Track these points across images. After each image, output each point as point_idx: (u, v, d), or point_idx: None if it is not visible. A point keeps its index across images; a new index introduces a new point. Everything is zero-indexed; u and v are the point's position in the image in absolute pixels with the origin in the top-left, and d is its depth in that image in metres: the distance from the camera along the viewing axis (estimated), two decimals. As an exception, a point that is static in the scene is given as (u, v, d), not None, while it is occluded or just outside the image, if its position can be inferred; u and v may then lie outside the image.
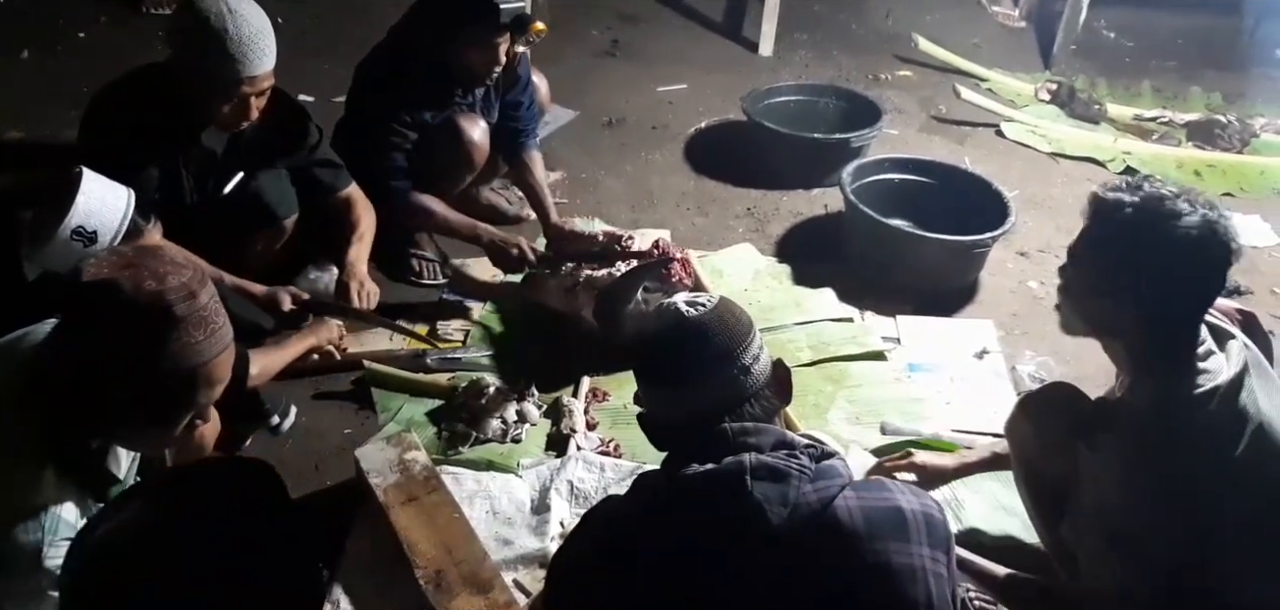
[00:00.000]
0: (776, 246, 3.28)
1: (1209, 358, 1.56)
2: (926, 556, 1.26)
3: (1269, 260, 3.31)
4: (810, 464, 1.28)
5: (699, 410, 1.32)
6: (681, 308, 1.36)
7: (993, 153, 3.93)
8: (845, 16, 5.19)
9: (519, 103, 2.96)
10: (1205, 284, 1.56)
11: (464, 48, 2.65)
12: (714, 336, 1.33)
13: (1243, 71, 4.66)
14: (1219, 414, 1.52)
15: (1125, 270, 1.56)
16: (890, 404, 2.54)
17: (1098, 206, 1.61)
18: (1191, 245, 1.50)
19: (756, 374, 1.34)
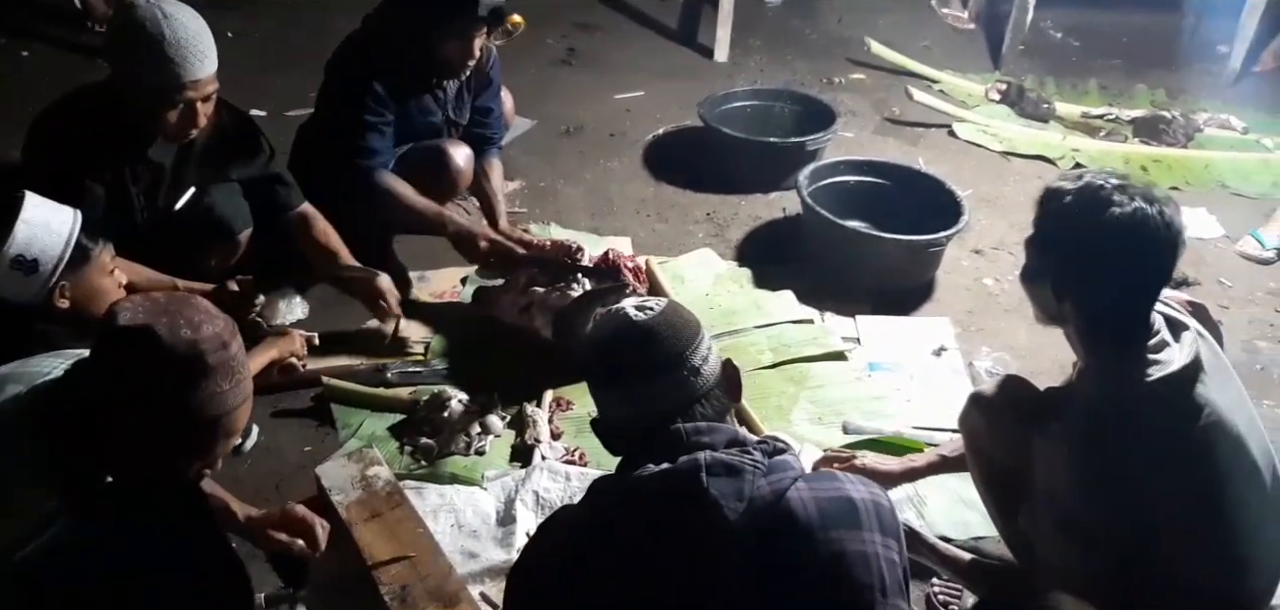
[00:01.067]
0: (736, 250, 3.30)
1: (1162, 349, 1.58)
2: (878, 543, 1.29)
3: (1215, 252, 3.39)
4: (763, 459, 1.30)
5: (650, 412, 1.34)
6: (629, 312, 1.39)
7: (946, 153, 3.99)
8: (798, 22, 5.24)
9: (489, 108, 2.96)
10: (1144, 271, 1.58)
11: (441, 39, 2.65)
12: (662, 339, 1.35)
13: (1185, 68, 4.78)
14: (1169, 401, 1.54)
15: (1061, 257, 1.60)
16: (851, 403, 2.57)
17: (1042, 198, 1.65)
18: (1124, 231, 1.54)
19: (706, 374, 1.36)
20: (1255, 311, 3.08)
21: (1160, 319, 1.62)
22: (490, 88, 2.95)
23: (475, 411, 2.40)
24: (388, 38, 2.70)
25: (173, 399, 1.37)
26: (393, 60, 2.68)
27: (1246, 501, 1.60)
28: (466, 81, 2.85)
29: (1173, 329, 1.63)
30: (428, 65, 2.73)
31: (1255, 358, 2.87)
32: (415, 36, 2.65)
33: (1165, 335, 1.60)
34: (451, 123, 2.89)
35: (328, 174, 2.66)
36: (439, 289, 2.94)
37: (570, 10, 5.12)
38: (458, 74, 2.77)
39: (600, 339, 1.43)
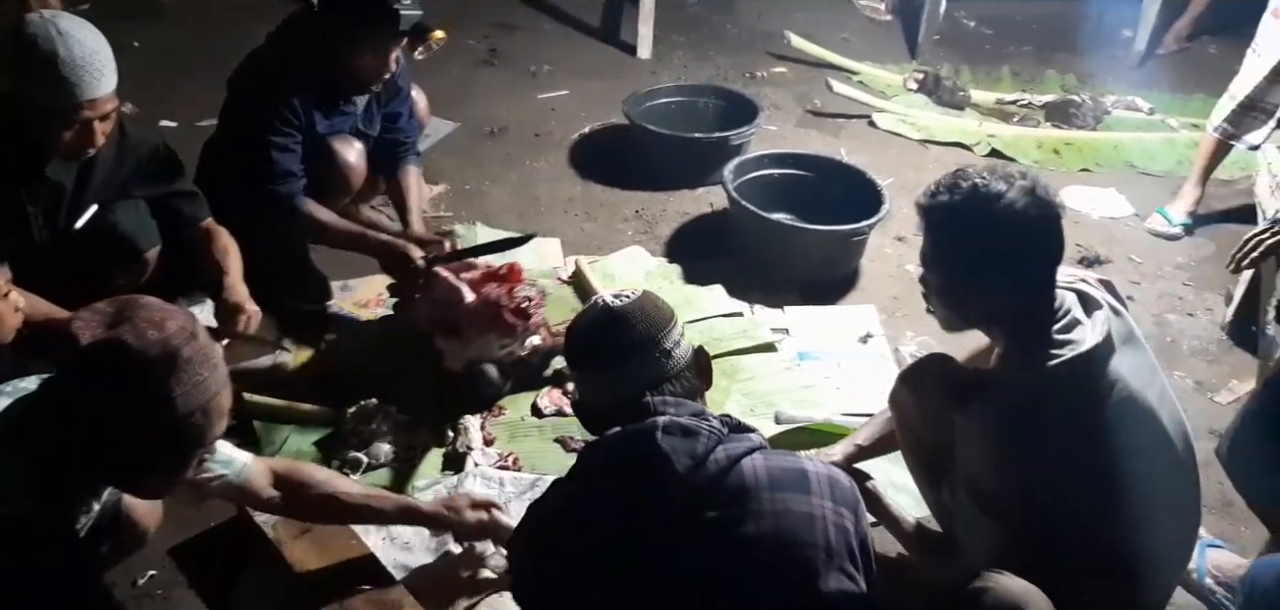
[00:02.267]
0: (666, 247, 3.31)
1: (1074, 327, 1.62)
2: (828, 508, 1.38)
3: (1125, 229, 3.52)
4: (722, 428, 1.41)
5: (625, 391, 1.46)
6: (608, 300, 1.52)
7: (867, 143, 4.05)
8: (720, 17, 5.27)
9: (398, 113, 2.89)
10: (1043, 246, 1.62)
11: (358, 52, 2.58)
12: (637, 323, 1.48)
13: (1093, 53, 4.93)
14: (1082, 380, 1.58)
15: (971, 260, 1.62)
16: (782, 394, 2.60)
17: (928, 214, 1.67)
18: (1021, 215, 1.58)
19: (677, 357, 1.49)
20: (1165, 286, 3.20)
21: (1072, 297, 1.66)
22: (399, 94, 2.89)
23: (405, 422, 2.36)
24: (297, 53, 2.61)
25: (159, 402, 1.36)
26: (303, 76, 2.61)
27: (1159, 473, 1.65)
28: (376, 94, 2.79)
29: (1085, 306, 1.66)
30: (341, 79, 2.66)
31: (1166, 330, 2.98)
32: (328, 51, 2.58)
33: (1077, 313, 1.64)
34: (363, 135, 2.82)
35: (238, 192, 2.56)
36: (364, 298, 2.88)
37: (490, 10, 5.07)
38: (370, 87, 2.71)
39: (581, 325, 1.57)
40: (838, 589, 1.35)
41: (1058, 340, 1.60)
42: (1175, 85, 4.61)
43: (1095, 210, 3.61)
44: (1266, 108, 3.11)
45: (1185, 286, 3.20)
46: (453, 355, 2.47)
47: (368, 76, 2.66)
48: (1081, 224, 3.53)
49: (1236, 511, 2.16)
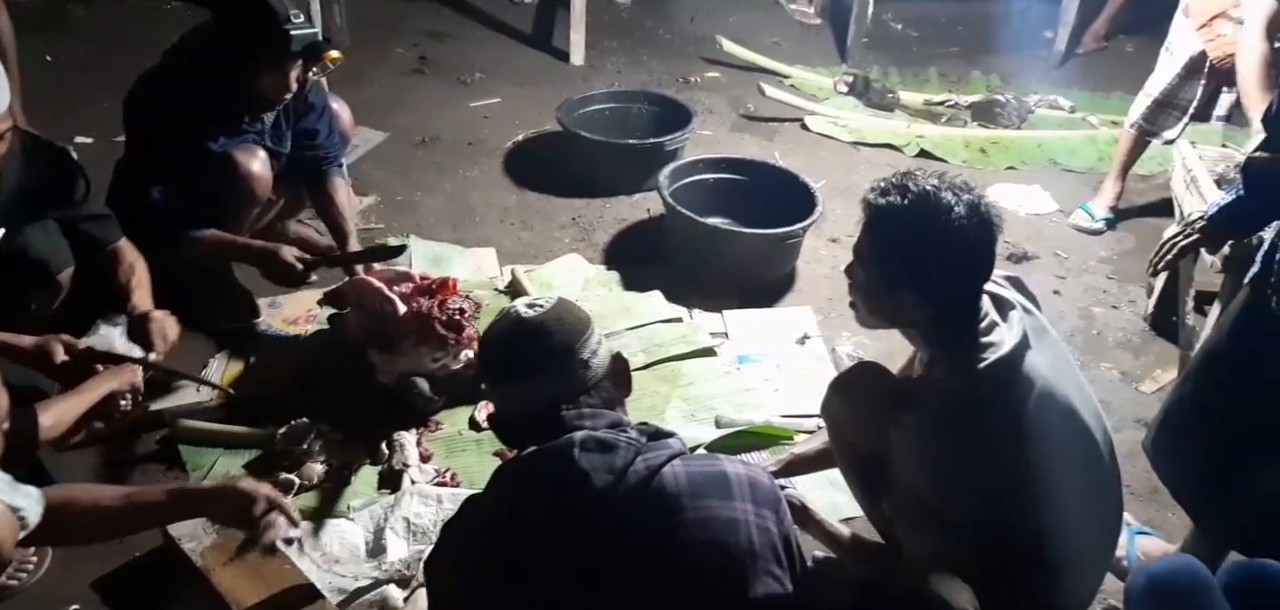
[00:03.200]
0: (604, 254, 3.29)
1: (993, 329, 1.64)
2: (750, 511, 1.37)
3: (1051, 226, 3.61)
4: (641, 438, 1.38)
5: (541, 403, 1.41)
6: (521, 310, 1.47)
7: (800, 146, 4.09)
8: (652, 22, 5.28)
9: (315, 130, 2.80)
10: (980, 263, 1.64)
11: (255, 73, 2.50)
12: (552, 333, 1.43)
13: (1016, 53, 5.05)
14: (1006, 383, 1.60)
15: (909, 266, 1.63)
16: (722, 398, 2.60)
17: (873, 212, 1.67)
18: (965, 232, 1.59)
19: (595, 367, 1.44)
20: (1089, 280, 3.29)
21: (987, 300, 1.68)
22: (313, 111, 2.80)
23: (338, 441, 2.30)
24: (194, 73, 2.52)
25: None
26: (200, 96, 2.51)
27: (1082, 464, 1.68)
28: (284, 110, 2.70)
29: (1000, 308, 1.68)
30: (241, 99, 2.57)
31: (1092, 323, 3.06)
32: (226, 71, 2.50)
33: (994, 316, 1.66)
34: (273, 153, 2.73)
35: (139, 217, 2.47)
36: (293, 315, 2.80)
37: (420, 18, 5.00)
38: (272, 107, 2.63)
39: (494, 336, 1.50)
40: (765, 593, 1.34)
41: (980, 344, 1.61)
42: (1095, 83, 4.76)
43: (1021, 207, 3.69)
44: (1180, 104, 3.22)
45: (1109, 280, 3.29)
46: (384, 369, 2.42)
47: (267, 96, 2.57)
48: (1008, 221, 3.53)
49: (1164, 499, 2.22)
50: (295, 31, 2.43)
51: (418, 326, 2.40)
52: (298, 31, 2.44)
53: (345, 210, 2.84)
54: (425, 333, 2.40)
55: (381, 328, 2.43)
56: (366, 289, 2.50)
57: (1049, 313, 3.00)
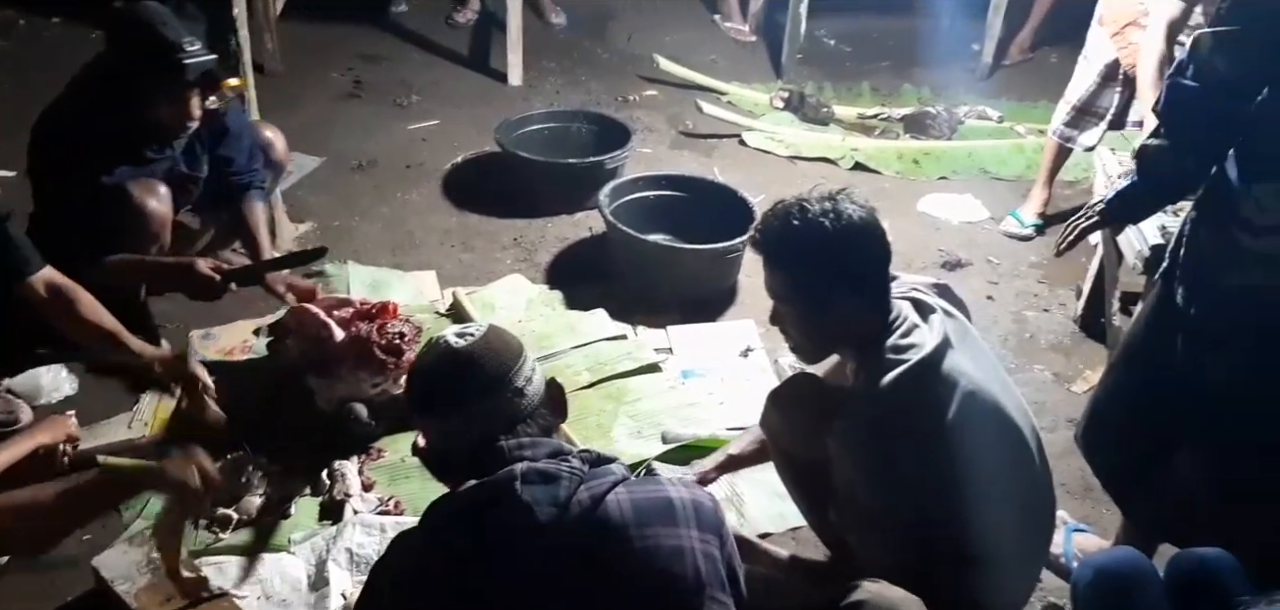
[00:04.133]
0: (546, 273, 3.28)
1: (914, 332, 1.68)
2: (695, 538, 1.34)
3: (983, 233, 3.70)
4: (583, 467, 1.35)
5: (476, 436, 1.36)
6: (451, 340, 1.41)
7: (738, 161, 4.14)
8: (589, 43, 5.30)
9: (230, 157, 2.72)
10: (876, 255, 1.69)
11: (152, 103, 2.43)
12: (484, 363, 1.38)
13: (945, 66, 5.17)
14: (929, 383, 1.64)
15: (817, 280, 1.67)
16: (668, 413, 2.60)
17: (765, 247, 1.71)
18: (852, 232, 1.64)
19: (531, 395, 1.40)
20: (1021, 285, 3.38)
21: (907, 305, 1.72)
22: (228, 136, 2.73)
23: (277, 473, 2.25)
24: (93, 105, 2.44)
25: None
26: (101, 130, 2.43)
27: (1011, 461, 1.72)
28: (197, 135, 2.62)
29: (920, 311, 1.72)
30: (142, 130, 2.49)
31: (1024, 327, 3.14)
32: (123, 101, 2.41)
33: (914, 319, 1.70)
34: (186, 181, 2.66)
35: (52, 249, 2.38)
36: (228, 346, 2.74)
37: (354, 41, 4.95)
38: (175, 136, 2.55)
39: (423, 367, 1.44)
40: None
41: (900, 347, 1.65)
42: (1021, 93, 4.90)
43: (954, 216, 3.78)
44: (1098, 111, 3.33)
45: (1040, 284, 3.38)
46: (323, 395, 2.38)
47: (169, 126, 2.50)
48: (942, 230, 3.69)
49: (1098, 495, 2.28)
50: (189, 60, 2.35)
51: (356, 351, 2.37)
52: (191, 60, 2.35)
53: (262, 230, 2.75)
54: (364, 358, 2.37)
55: (320, 353, 2.39)
56: (305, 315, 2.46)
57: (983, 318, 3.12)
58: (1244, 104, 1.54)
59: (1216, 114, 1.60)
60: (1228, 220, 1.60)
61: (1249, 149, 1.58)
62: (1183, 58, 1.63)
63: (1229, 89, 1.55)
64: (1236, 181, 1.59)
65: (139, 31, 2.37)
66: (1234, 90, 1.55)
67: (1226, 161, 1.63)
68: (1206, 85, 1.58)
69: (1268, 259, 1.57)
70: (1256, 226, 1.57)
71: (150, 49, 2.35)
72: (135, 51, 2.38)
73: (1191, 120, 1.65)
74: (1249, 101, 1.53)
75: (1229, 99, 1.56)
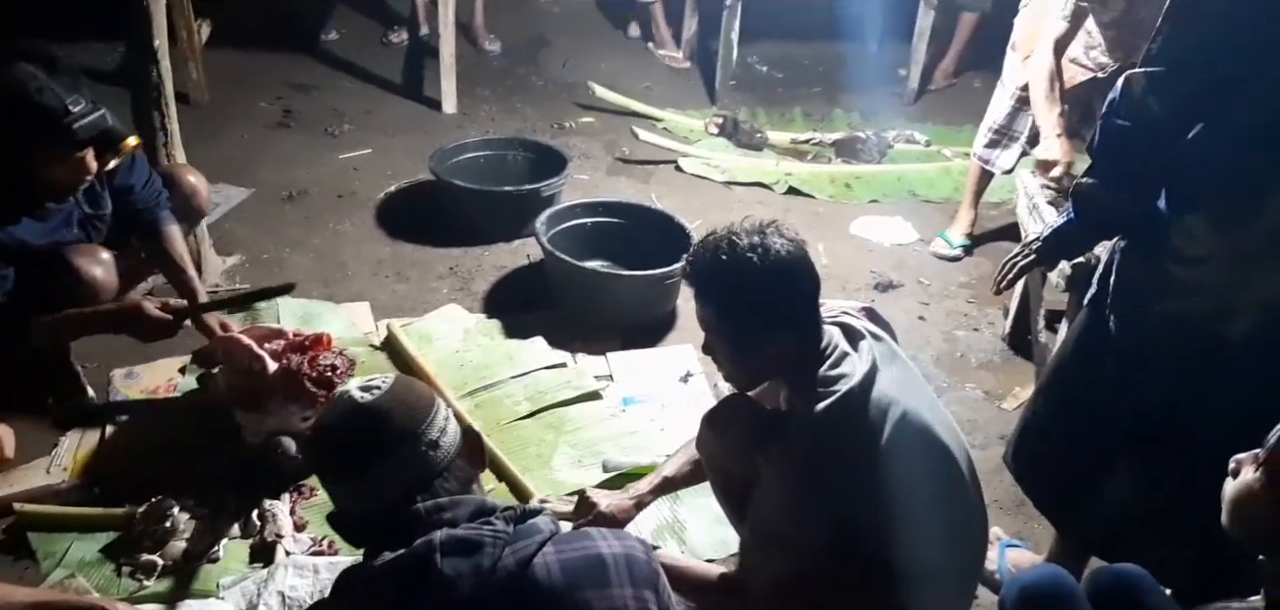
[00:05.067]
0: (484, 302, 3.25)
1: (844, 359, 1.70)
2: (629, 596, 1.30)
3: (913, 254, 3.78)
4: (507, 528, 1.27)
5: (390, 496, 1.28)
6: (356, 395, 1.32)
7: (675, 187, 4.16)
8: (524, 70, 5.29)
9: (130, 187, 2.57)
10: (805, 285, 1.70)
11: (45, 166, 2.27)
12: (394, 418, 1.29)
13: (873, 91, 5.28)
14: (860, 408, 1.66)
15: (747, 311, 1.68)
16: (609, 441, 2.60)
17: (695, 281, 1.72)
18: (781, 262, 1.65)
19: (445, 446, 1.32)
20: (951, 305, 3.46)
21: (837, 331, 1.75)
22: (131, 185, 2.58)
23: (204, 515, 2.17)
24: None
25: None
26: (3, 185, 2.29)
27: (942, 482, 1.75)
28: (98, 177, 2.45)
29: (850, 338, 1.75)
30: (35, 187, 2.34)
31: (955, 346, 3.21)
32: (18, 161, 2.26)
33: (844, 346, 1.73)
34: (91, 220, 2.51)
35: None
36: (151, 385, 2.65)
37: (283, 70, 4.86)
38: (73, 192, 2.41)
39: (328, 428, 1.35)
40: None
41: (831, 376, 1.67)
42: (947, 118, 5.03)
43: (886, 238, 3.86)
44: (1014, 134, 3.44)
45: (969, 303, 3.47)
46: (252, 429, 2.31)
47: (67, 184, 2.36)
48: (875, 251, 3.76)
49: (1031, 511, 2.33)
50: (78, 124, 2.19)
51: (287, 384, 2.31)
52: (81, 122, 2.19)
53: (186, 257, 2.63)
54: (294, 390, 2.31)
55: (250, 386, 2.33)
56: (234, 346, 2.38)
57: (916, 338, 3.18)
58: (1177, 140, 1.58)
59: (1151, 152, 1.63)
60: (1158, 249, 1.64)
61: (1179, 182, 1.62)
62: (1115, 97, 1.65)
63: (1162, 127, 1.59)
64: (1166, 212, 1.64)
65: (15, 105, 2.17)
66: (1167, 128, 1.58)
67: None
68: (1139, 124, 1.61)
69: (1197, 287, 1.61)
70: (1187, 257, 1.61)
71: (32, 118, 2.17)
72: (17, 125, 2.19)
73: (1126, 159, 1.68)
74: (1182, 137, 1.57)
75: (1162, 136, 1.59)
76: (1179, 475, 1.70)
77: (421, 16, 5.35)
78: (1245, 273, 1.57)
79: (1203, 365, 1.64)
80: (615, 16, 5.86)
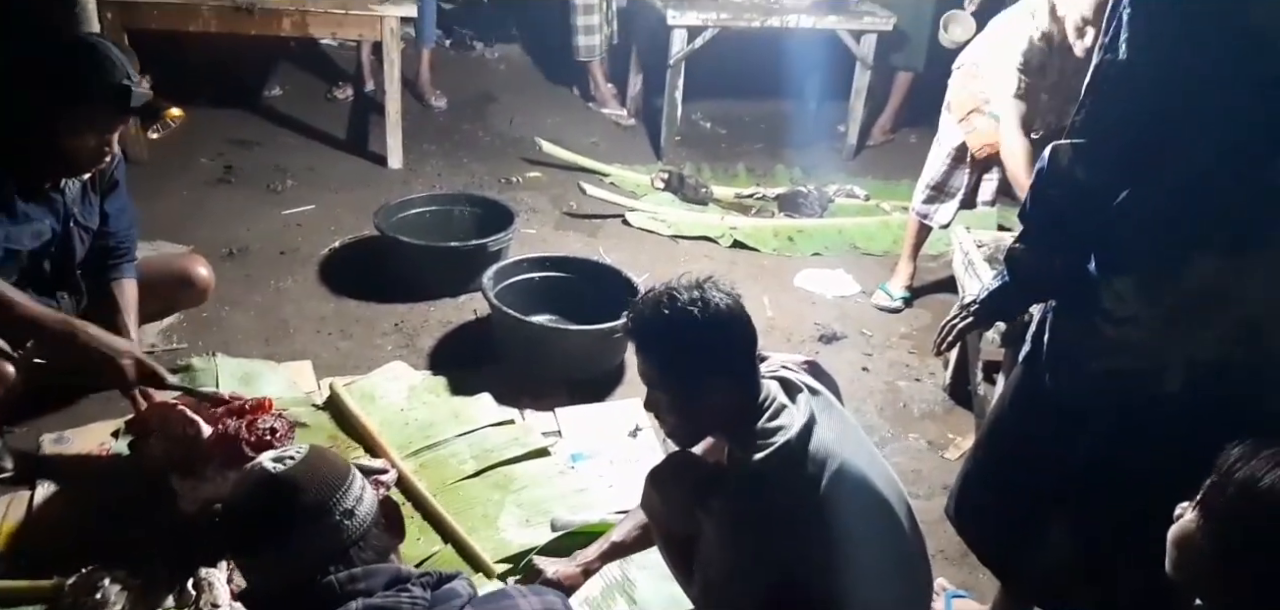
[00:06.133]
0: (429, 359, 3.22)
1: (782, 412, 1.73)
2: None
3: (856, 306, 3.85)
4: (424, 594, 1.26)
5: (304, 569, 1.27)
6: (268, 466, 1.31)
7: (623, 241, 4.20)
8: (470, 125, 5.31)
9: (106, 216, 2.54)
10: (742, 338, 1.73)
11: (74, 131, 2.25)
12: (307, 488, 1.29)
13: (814, 147, 5.43)
14: (797, 462, 1.68)
15: (687, 364, 1.70)
16: (557, 499, 2.57)
17: (636, 336, 1.74)
18: (719, 316, 1.69)
19: (361, 516, 1.32)
20: (893, 356, 3.52)
21: (775, 385, 1.77)
22: (117, 190, 2.57)
23: (137, 586, 2.10)
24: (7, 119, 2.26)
25: None
26: (13, 146, 2.26)
27: (882, 534, 1.77)
28: (92, 180, 2.46)
29: (789, 391, 1.78)
30: (50, 160, 2.31)
31: (898, 397, 3.26)
32: (48, 120, 2.23)
33: (782, 399, 1.75)
34: (80, 227, 2.47)
35: None
36: (83, 449, 2.56)
37: (224, 126, 4.81)
38: (87, 170, 2.39)
39: (237, 501, 1.34)
40: None
41: (769, 429, 1.69)
42: (885, 172, 5.17)
43: (829, 290, 3.92)
44: (950, 191, 3.55)
45: (910, 354, 3.53)
46: (188, 497, 2.25)
47: (84, 158, 2.33)
48: (818, 304, 3.82)
49: (975, 561, 2.36)
50: (135, 89, 2.24)
51: (224, 449, 2.25)
52: (137, 90, 2.25)
53: (132, 314, 2.53)
54: (232, 456, 2.25)
55: (185, 452, 2.26)
56: (170, 412, 2.32)
57: (860, 389, 3.23)
58: (1104, 207, 1.63)
59: (1079, 218, 1.69)
60: (1090, 309, 1.70)
61: (1107, 245, 1.68)
62: (1043, 166, 1.72)
63: (1089, 195, 1.65)
64: (1095, 274, 1.70)
65: (91, 51, 2.25)
66: (1093, 195, 1.64)
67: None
68: (1067, 192, 1.67)
69: (1129, 346, 1.66)
70: (1117, 317, 1.66)
71: (101, 70, 2.21)
72: (89, 69, 2.22)
73: (1055, 226, 1.74)
74: (1108, 204, 1.63)
75: (1089, 204, 1.65)
76: (1117, 527, 1.74)
77: (366, 72, 5.36)
78: (1174, 332, 1.62)
79: (1139, 420, 1.69)
80: (561, 75, 5.93)
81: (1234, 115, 1.50)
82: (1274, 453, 1.27)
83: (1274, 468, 1.25)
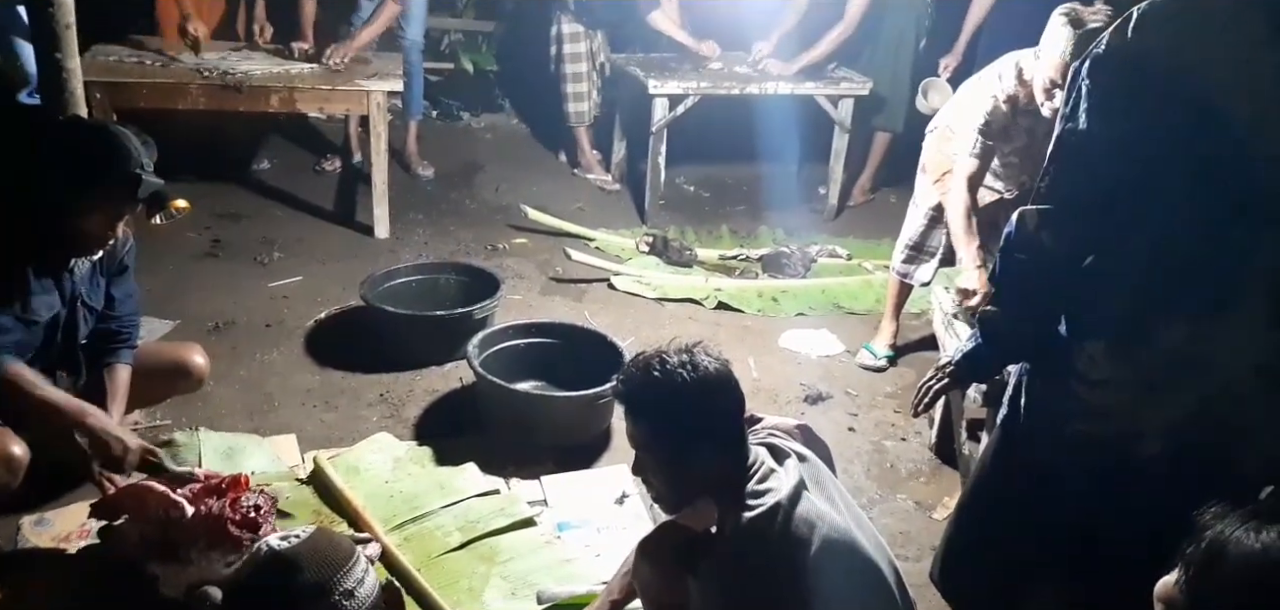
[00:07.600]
0: (414, 429, 3.22)
1: (770, 476, 1.75)
2: None
3: (840, 366, 3.87)
4: None
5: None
6: (273, 544, 1.35)
7: (608, 305, 4.22)
8: (457, 194, 5.36)
9: (115, 300, 2.57)
10: (730, 403, 1.76)
11: (88, 210, 2.29)
12: (308, 568, 1.32)
13: (796, 208, 5.50)
14: (784, 526, 1.69)
15: (671, 436, 1.73)
16: (543, 570, 2.55)
17: (626, 400, 1.77)
18: (707, 381, 1.72)
19: (361, 597, 1.35)
20: (879, 415, 3.53)
21: (763, 451, 1.80)
22: (125, 275, 2.60)
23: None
24: (14, 200, 2.31)
25: None
26: (20, 226, 2.29)
27: (872, 599, 1.78)
28: (101, 261, 2.49)
29: (777, 457, 1.80)
30: (59, 239, 2.34)
31: (885, 456, 3.27)
32: (58, 201, 2.28)
33: (771, 464, 1.77)
34: (87, 308, 2.49)
35: None
36: (64, 532, 2.53)
37: (212, 199, 4.83)
38: (92, 252, 2.42)
39: (242, 579, 1.37)
40: None
41: (759, 490, 1.71)
42: (866, 232, 5.23)
43: (813, 350, 3.95)
44: (929, 250, 3.60)
45: (896, 413, 3.55)
46: (170, 581, 2.22)
47: (93, 240, 2.37)
48: (803, 364, 3.84)
49: (961, 621, 2.36)
50: (146, 177, 2.29)
51: (208, 530, 2.23)
52: (148, 177, 2.30)
53: (122, 397, 2.55)
54: (217, 536, 2.23)
55: (166, 535, 2.24)
56: (147, 494, 2.29)
57: (847, 450, 3.24)
58: (1072, 272, 1.67)
59: (1048, 283, 1.72)
60: (1064, 373, 1.72)
61: (1077, 309, 1.71)
62: (1011, 232, 1.75)
63: (1056, 260, 1.68)
64: (1068, 338, 1.72)
65: (108, 136, 2.33)
66: (1061, 261, 1.68)
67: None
68: (1034, 258, 1.71)
69: (1103, 409, 1.69)
70: (1090, 380, 1.69)
71: (116, 155, 2.27)
72: (103, 151, 2.28)
73: (1025, 291, 1.77)
74: (1076, 268, 1.66)
75: (1057, 269, 1.69)
76: (1098, 589, 1.75)
77: (354, 144, 5.42)
78: (1148, 396, 1.64)
79: (1117, 483, 1.70)
80: (546, 142, 6.00)
81: (1192, 184, 1.54)
82: (1247, 512, 1.29)
83: (1245, 530, 1.26)
